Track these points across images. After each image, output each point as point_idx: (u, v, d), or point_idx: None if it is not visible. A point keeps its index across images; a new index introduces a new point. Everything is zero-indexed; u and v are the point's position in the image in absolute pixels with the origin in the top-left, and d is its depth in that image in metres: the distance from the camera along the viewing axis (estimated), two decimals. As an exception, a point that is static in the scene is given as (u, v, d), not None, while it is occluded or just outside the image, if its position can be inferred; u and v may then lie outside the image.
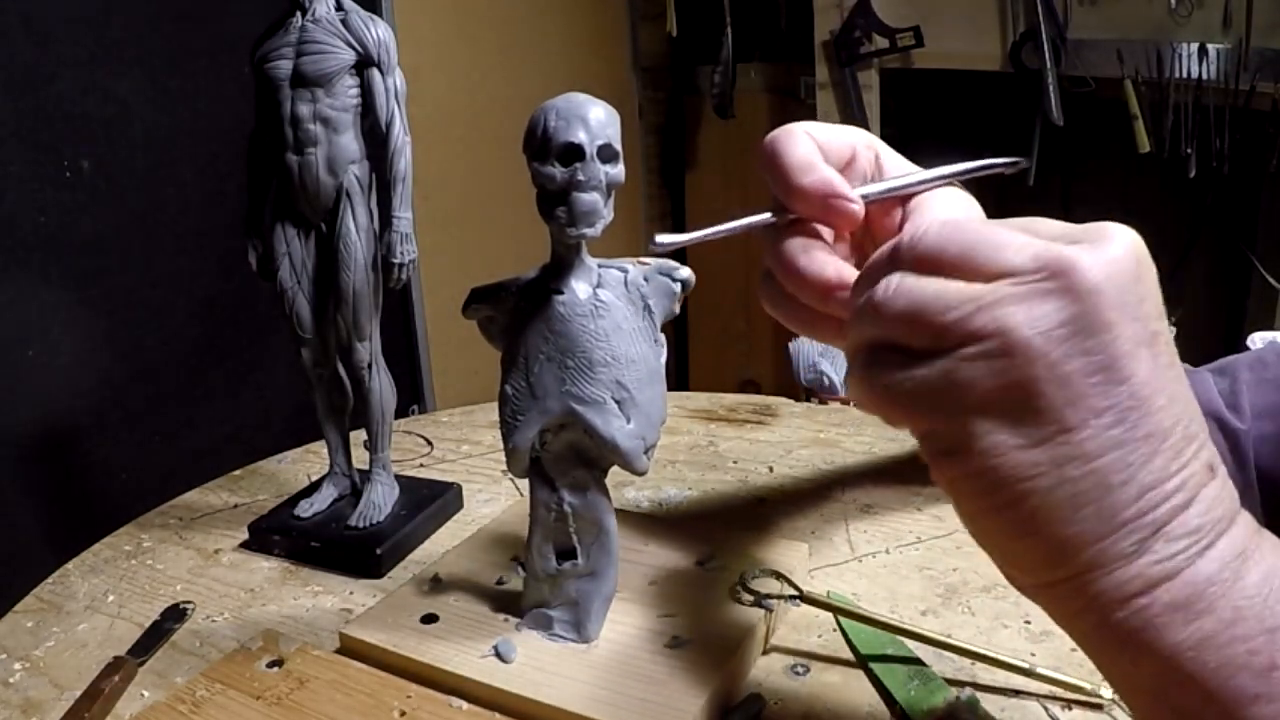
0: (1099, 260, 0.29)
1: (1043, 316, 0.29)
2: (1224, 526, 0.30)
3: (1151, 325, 0.30)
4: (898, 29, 2.05)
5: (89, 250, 1.25)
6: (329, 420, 0.79)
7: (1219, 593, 0.29)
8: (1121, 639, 0.30)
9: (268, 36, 0.70)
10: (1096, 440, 0.29)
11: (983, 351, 0.30)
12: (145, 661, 0.63)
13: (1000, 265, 0.30)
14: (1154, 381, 0.29)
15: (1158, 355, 0.30)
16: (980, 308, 0.30)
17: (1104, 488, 0.29)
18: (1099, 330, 0.29)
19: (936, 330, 0.31)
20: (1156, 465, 0.29)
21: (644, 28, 2.57)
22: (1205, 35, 1.75)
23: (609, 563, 0.58)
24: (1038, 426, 0.29)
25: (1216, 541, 0.29)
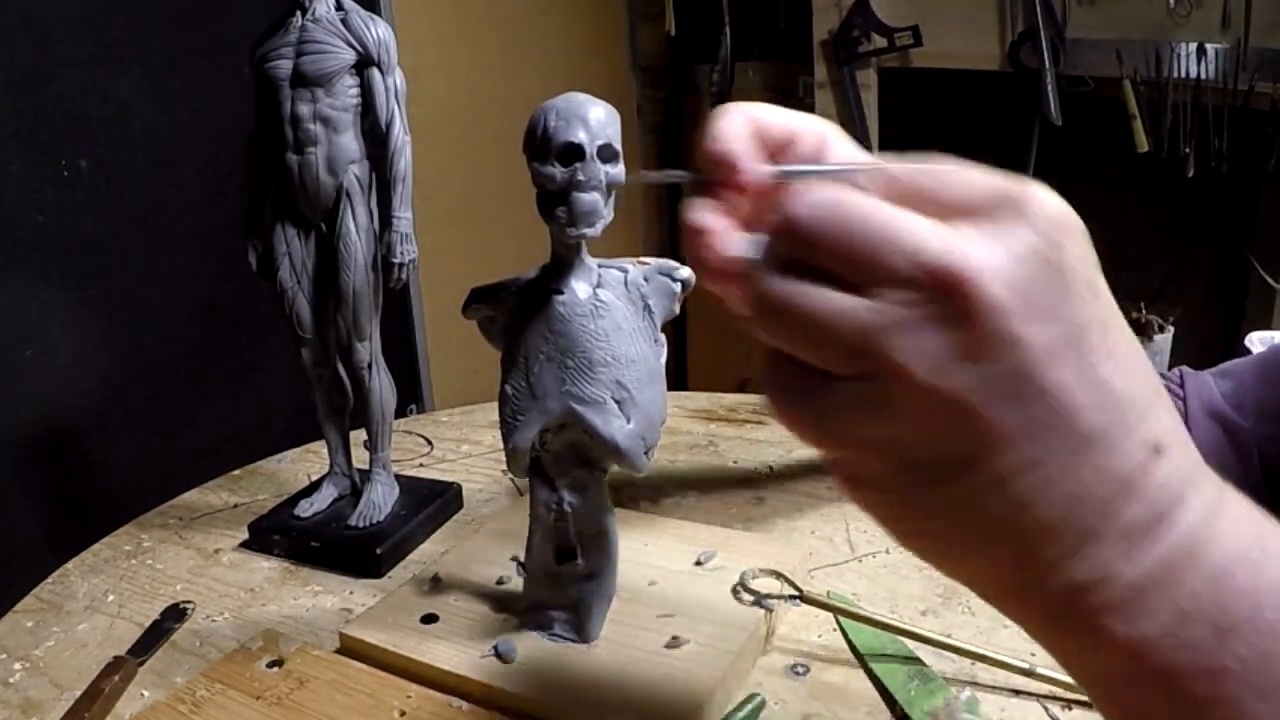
0: (1001, 265, 0.26)
1: (935, 349, 0.26)
2: (1171, 515, 0.27)
3: (1079, 316, 0.27)
4: (896, 28, 2.05)
5: (88, 250, 1.25)
6: (329, 420, 0.79)
7: (1159, 593, 0.27)
8: (1063, 643, 0.29)
9: (268, 36, 0.70)
10: (1007, 464, 0.26)
11: (871, 389, 0.27)
12: (145, 661, 0.63)
13: (886, 273, 0.26)
14: (1078, 383, 0.26)
15: (1084, 348, 0.27)
16: (867, 336, 0.26)
17: (1020, 507, 0.27)
18: (1004, 350, 0.26)
19: (816, 354, 0.28)
20: (1082, 470, 0.27)
21: (643, 27, 2.57)
22: (1204, 35, 1.75)
23: (609, 563, 0.58)
24: (939, 462, 0.27)
25: (1157, 536, 0.27)
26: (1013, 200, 0.27)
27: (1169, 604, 0.27)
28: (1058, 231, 0.27)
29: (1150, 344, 1.11)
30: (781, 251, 0.28)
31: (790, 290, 0.28)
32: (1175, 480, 0.28)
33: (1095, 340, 0.27)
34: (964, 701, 0.53)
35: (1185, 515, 0.27)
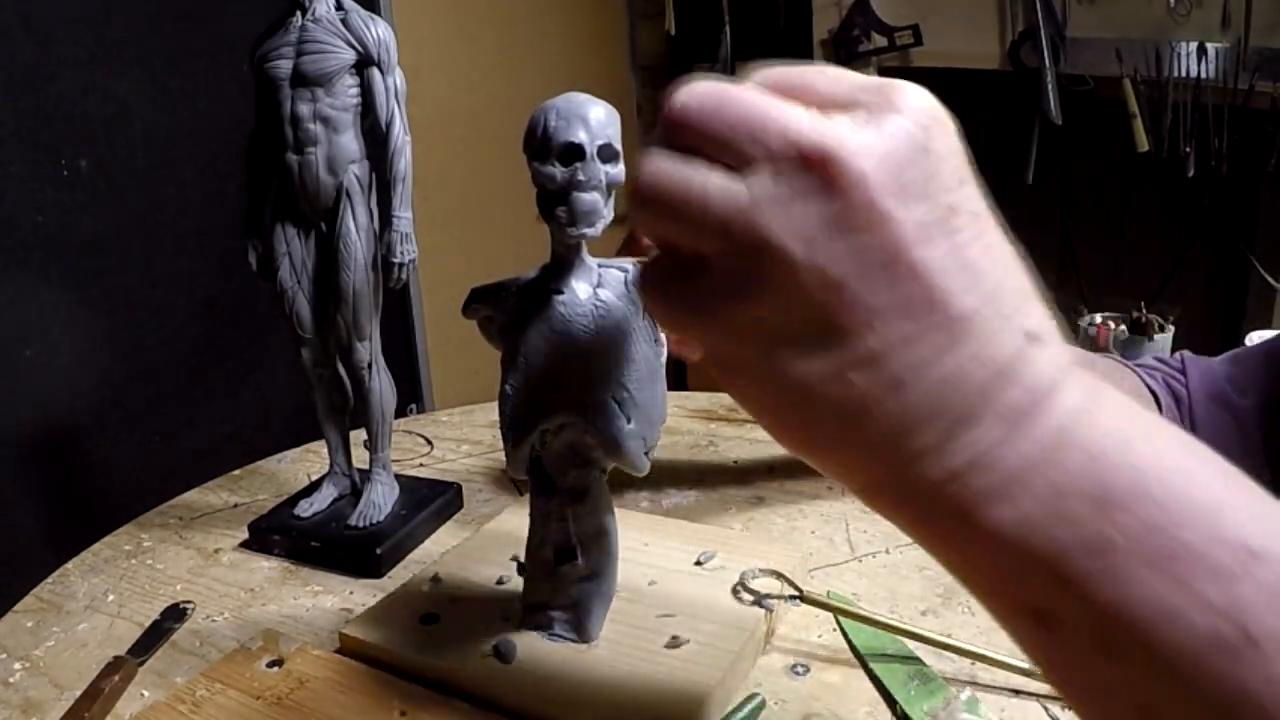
0: (870, 142, 0.26)
1: (803, 220, 0.26)
2: (1048, 398, 0.27)
3: (947, 199, 0.27)
4: (896, 27, 2.05)
5: (88, 250, 1.25)
6: (329, 420, 0.79)
7: (1037, 474, 0.26)
8: (943, 532, 0.29)
9: (268, 36, 0.70)
10: (880, 341, 0.26)
11: (743, 264, 0.27)
12: (145, 661, 0.63)
13: (759, 151, 0.27)
14: (950, 264, 0.27)
15: (955, 231, 0.27)
16: (738, 210, 0.27)
17: (893, 387, 0.27)
18: (873, 224, 0.26)
19: (692, 234, 0.28)
20: (958, 352, 0.27)
21: (643, 27, 2.57)
22: (1204, 34, 1.75)
23: (609, 563, 0.58)
24: (810, 338, 0.27)
25: (1035, 419, 0.27)
26: (883, 91, 0.28)
27: (1048, 483, 0.27)
28: (927, 120, 0.28)
29: (1150, 343, 1.11)
30: (666, 141, 0.29)
31: (669, 165, 0.28)
32: (1051, 367, 0.28)
33: (965, 225, 0.27)
34: (964, 701, 0.53)
35: (1062, 400, 0.27)
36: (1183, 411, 0.60)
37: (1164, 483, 0.26)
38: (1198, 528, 0.26)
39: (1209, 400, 0.59)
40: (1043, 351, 0.28)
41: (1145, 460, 0.27)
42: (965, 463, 0.27)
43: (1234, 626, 0.24)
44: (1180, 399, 0.60)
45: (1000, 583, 0.28)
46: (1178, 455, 0.27)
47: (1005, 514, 0.27)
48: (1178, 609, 0.25)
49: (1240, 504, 0.26)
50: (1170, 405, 0.60)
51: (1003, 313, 0.27)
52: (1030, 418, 0.27)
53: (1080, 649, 0.27)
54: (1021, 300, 0.28)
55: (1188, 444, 0.28)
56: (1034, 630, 0.28)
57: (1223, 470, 0.27)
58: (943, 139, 0.28)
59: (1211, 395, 0.59)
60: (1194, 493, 0.26)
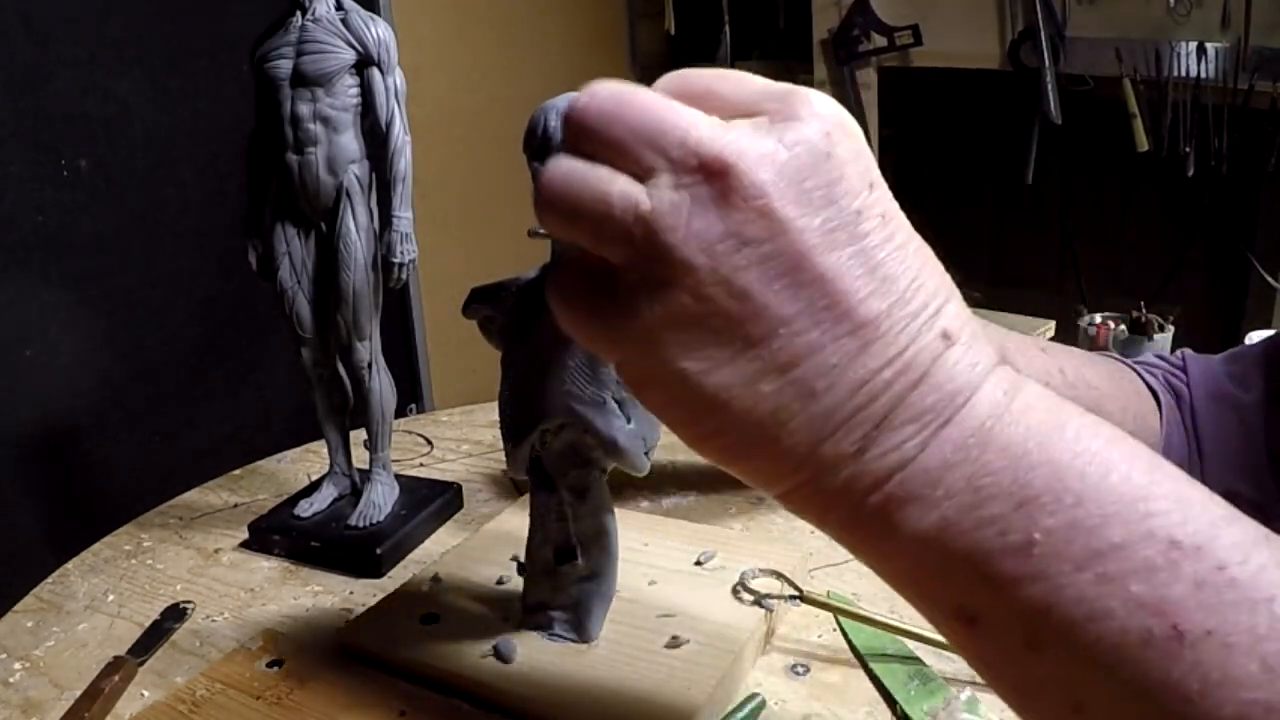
0: (770, 151, 0.26)
1: (704, 229, 0.26)
2: (964, 398, 0.27)
3: (851, 205, 0.27)
4: (896, 27, 2.05)
5: (88, 250, 1.25)
6: (329, 420, 0.79)
7: (956, 476, 0.26)
8: (867, 536, 0.29)
9: (268, 36, 0.70)
10: (788, 350, 0.26)
11: (647, 273, 0.27)
12: (145, 661, 0.63)
13: (659, 157, 0.27)
14: (856, 269, 0.27)
15: (861, 237, 0.27)
16: (639, 219, 0.27)
17: (807, 396, 0.27)
18: (775, 233, 0.26)
19: (594, 240, 0.28)
20: (868, 358, 0.27)
21: (642, 26, 2.57)
22: (1204, 34, 1.75)
23: (609, 563, 0.58)
24: (720, 347, 0.27)
25: (952, 421, 0.27)
26: (787, 99, 0.28)
27: (967, 485, 0.26)
28: (830, 127, 0.28)
29: (1150, 343, 1.11)
30: (571, 144, 0.29)
31: (570, 169, 0.28)
32: (966, 366, 0.28)
33: (872, 229, 0.27)
34: (964, 701, 0.53)
35: (980, 400, 0.27)
36: (1184, 409, 0.59)
37: (1086, 479, 0.26)
38: (1122, 523, 0.25)
39: (1210, 397, 0.59)
40: (959, 352, 0.28)
41: (1067, 457, 0.26)
42: (884, 468, 0.27)
43: (1161, 622, 0.24)
44: (1181, 396, 0.60)
45: (926, 584, 0.28)
46: (1102, 449, 0.27)
47: (926, 518, 0.27)
48: (1104, 607, 0.25)
49: (1165, 495, 0.26)
50: (1171, 403, 0.59)
51: (915, 315, 0.27)
52: (947, 420, 0.27)
53: (1009, 647, 0.27)
54: (936, 301, 0.28)
55: (1111, 437, 0.27)
56: (963, 630, 0.28)
57: (1148, 462, 0.27)
58: (846, 145, 0.28)
59: (1213, 392, 0.59)
60: (1118, 487, 0.26)
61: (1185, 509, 0.26)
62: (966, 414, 0.27)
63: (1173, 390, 0.60)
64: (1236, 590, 0.25)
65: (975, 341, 0.28)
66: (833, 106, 0.28)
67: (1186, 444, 0.58)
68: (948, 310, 0.28)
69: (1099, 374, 0.58)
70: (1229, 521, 0.26)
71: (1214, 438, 0.58)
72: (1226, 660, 0.24)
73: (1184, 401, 0.60)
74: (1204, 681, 0.24)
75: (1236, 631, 0.24)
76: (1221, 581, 0.25)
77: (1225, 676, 0.24)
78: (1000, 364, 0.28)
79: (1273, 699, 0.24)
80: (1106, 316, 1.18)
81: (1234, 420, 0.58)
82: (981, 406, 0.27)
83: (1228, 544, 0.25)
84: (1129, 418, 0.57)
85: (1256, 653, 0.24)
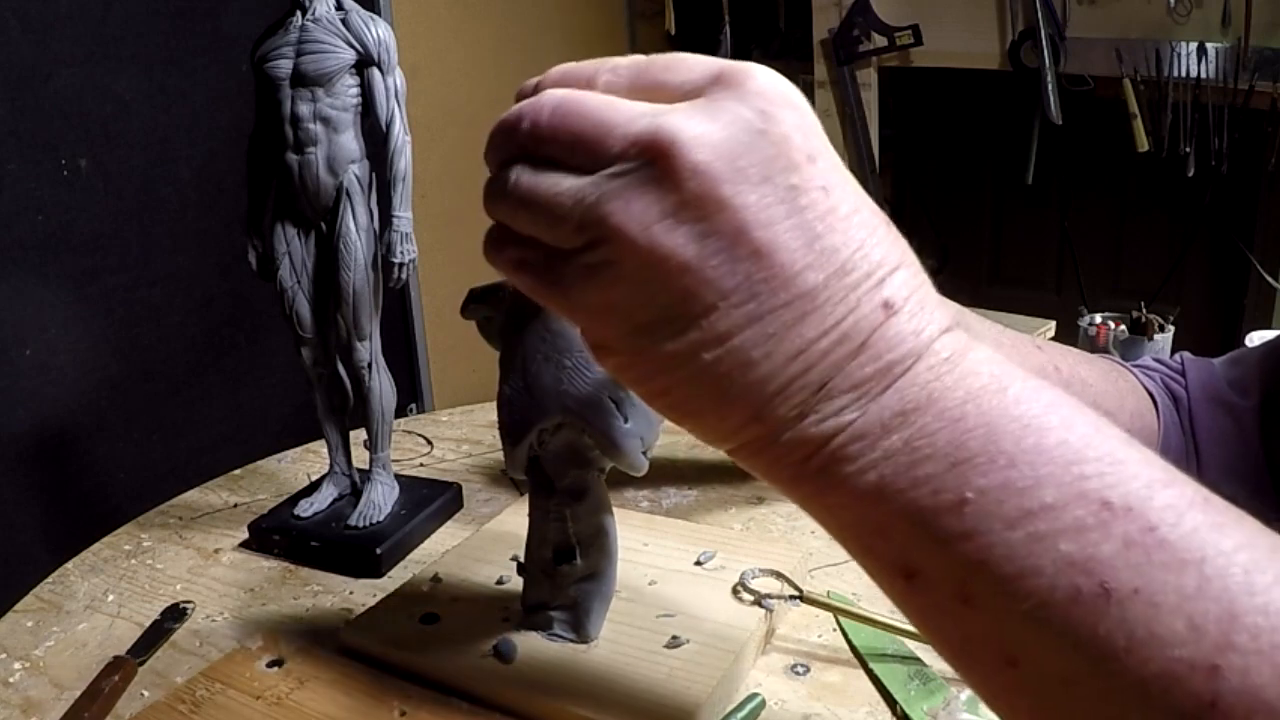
0: (705, 131, 0.28)
1: (643, 210, 0.28)
2: (903, 367, 0.28)
3: (790, 179, 0.28)
4: (896, 27, 2.05)
5: (87, 249, 1.25)
6: (329, 420, 0.79)
7: (894, 439, 0.28)
8: (812, 493, 0.30)
9: (268, 36, 0.70)
10: (727, 321, 0.28)
11: (595, 256, 0.29)
12: (145, 661, 0.63)
13: (604, 152, 0.29)
14: (793, 243, 0.28)
15: (800, 210, 0.28)
16: (587, 207, 0.28)
17: (746, 365, 0.28)
18: (711, 211, 0.27)
19: (550, 232, 0.30)
20: (805, 329, 0.28)
21: (642, 26, 2.57)
22: (1204, 34, 1.75)
23: (609, 563, 0.58)
24: (664, 320, 0.28)
25: (891, 388, 0.28)
26: (726, 78, 0.29)
27: (902, 445, 0.28)
28: (769, 104, 0.29)
29: (1150, 343, 1.11)
30: (525, 151, 0.31)
31: (522, 175, 0.31)
32: (908, 334, 0.28)
33: (812, 203, 0.28)
34: (964, 701, 0.53)
35: (919, 367, 0.28)
36: (1181, 412, 0.59)
37: (1021, 441, 0.27)
38: (1054, 484, 0.26)
39: (1208, 401, 0.59)
40: (900, 321, 0.28)
41: (1004, 419, 0.27)
42: (823, 433, 0.28)
43: (1091, 580, 0.25)
44: (1179, 399, 0.60)
45: (868, 541, 0.29)
46: (1041, 413, 0.28)
47: (865, 478, 0.28)
48: (1034, 564, 0.26)
49: (1101, 458, 0.27)
50: (1169, 405, 0.59)
51: (855, 286, 0.28)
52: (885, 388, 0.28)
53: (944, 602, 0.28)
54: (881, 270, 0.29)
55: (1053, 401, 0.28)
56: (902, 585, 0.29)
57: (1089, 424, 0.28)
58: (784, 121, 0.28)
59: (1210, 396, 0.59)
60: (1053, 449, 0.27)
61: (1120, 470, 0.26)
62: (906, 381, 0.28)
63: (1170, 393, 0.60)
64: (1166, 551, 0.25)
65: (921, 310, 0.29)
66: (771, 82, 0.29)
67: (1184, 446, 0.58)
68: (893, 280, 0.29)
69: (1095, 372, 0.58)
70: (1165, 484, 0.27)
71: (1211, 441, 0.58)
72: (1153, 618, 0.25)
73: (1182, 405, 0.60)
74: (1130, 638, 0.25)
75: (1164, 591, 0.25)
76: (1151, 542, 0.25)
77: (1151, 634, 0.25)
78: (949, 330, 0.29)
79: (1197, 657, 0.24)
80: (1106, 316, 1.18)
81: (1231, 424, 0.58)
82: (921, 373, 0.28)
83: (1160, 505, 0.26)
84: (1125, 414, 0.57)
85: (1183, 612, 0.25)
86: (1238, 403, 0.57)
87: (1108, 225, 2.16)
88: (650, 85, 0.31)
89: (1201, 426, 0.58)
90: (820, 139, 0.29)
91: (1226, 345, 0.64)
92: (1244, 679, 0.24)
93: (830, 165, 0.29)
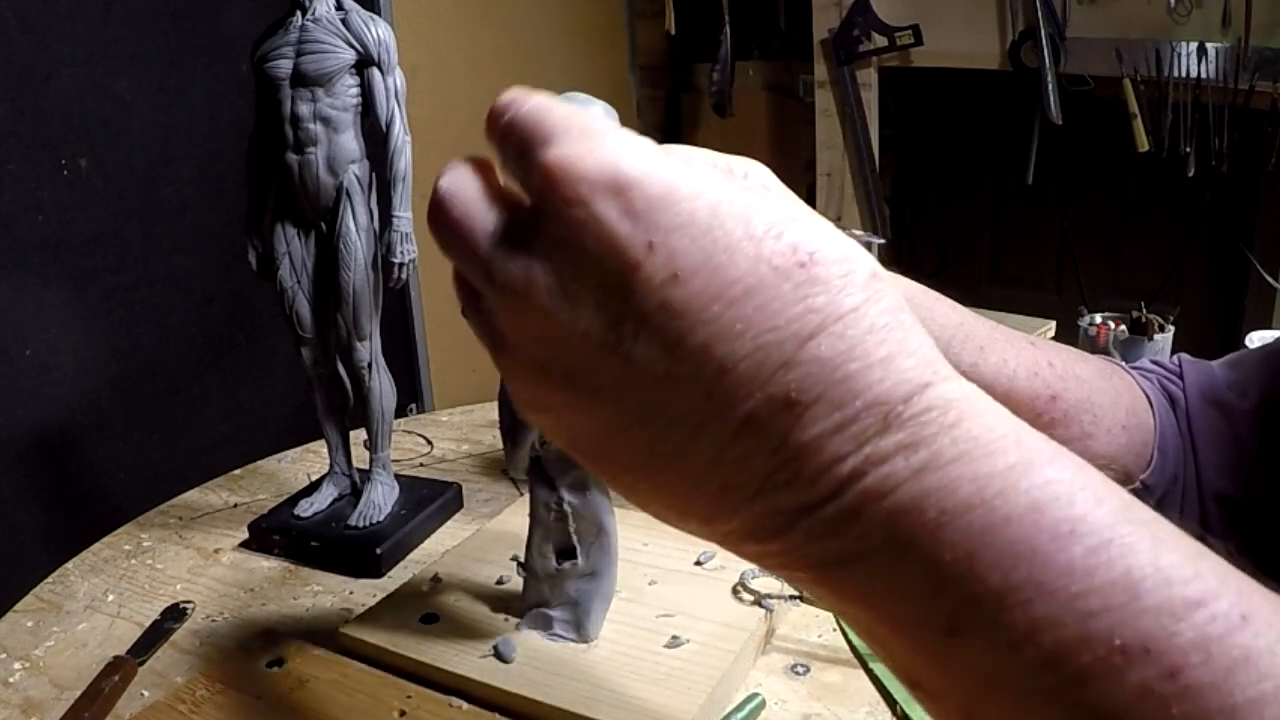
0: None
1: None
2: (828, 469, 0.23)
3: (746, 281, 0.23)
4: (896, 27, 2.05)
5: (87, 249, 1.25)
6: (329, 420, 0.79)
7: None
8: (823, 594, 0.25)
9: (268, 36, 0.70)
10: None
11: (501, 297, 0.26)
12: (145, 661, 0.63)
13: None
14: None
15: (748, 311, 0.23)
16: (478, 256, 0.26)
17: (672, 461, 0.24)
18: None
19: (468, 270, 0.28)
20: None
21: (642, 26, 2.57)
22: (1204, 34, 1.75)
23: (609, 563, 0.58)
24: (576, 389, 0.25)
25: (834, 496, 0.23)
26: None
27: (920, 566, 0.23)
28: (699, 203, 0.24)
29: (1150, 343, 1.11)
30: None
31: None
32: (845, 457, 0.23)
33: (756, 302, 0.23)
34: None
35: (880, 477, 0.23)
36: (1178, 414, 0.59)
37: (1009, 575, 0.22)
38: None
39: (1205, 403, 0.59)
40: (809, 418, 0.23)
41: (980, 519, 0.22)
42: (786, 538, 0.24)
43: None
44: (1176, 401, 0.60)
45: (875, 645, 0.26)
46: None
47: (826, 548, 0.24)
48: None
49: (1114, 580, 0.22)
50: (1165, 407, 0.59)
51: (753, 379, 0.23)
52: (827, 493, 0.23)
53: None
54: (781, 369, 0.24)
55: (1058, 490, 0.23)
56: (912, 690, 0.25)
57: (1078, 475, 0.23)
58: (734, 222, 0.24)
59: (1208, 398, 0.59)
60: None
61: (1133, 596, 0.21)
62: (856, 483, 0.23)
63: (1167, 395, 0.60)
64: (1188, 701, 0.20)
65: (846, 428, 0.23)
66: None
67: (1182, 448, 0.58)
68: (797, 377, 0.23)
69: (1090, 369, 0.58)
70: (1198, 605, 0.21)
71: (1209, 443, 0.58)
72: None
73: (1179, 406, 0.59)
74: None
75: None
76: (1170, 692, 0.21)
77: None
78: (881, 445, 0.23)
79: None
80: (1106, 316, 1.18)
81: (1227, 425, 0.58)
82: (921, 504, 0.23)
83: (1185, 642, 0.21)
84: (1121, 411, 0.57)
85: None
86: (1234, 404, 0.57)
87: (1108, 225, 2.16)
88: None
89: (1199, 428, 0.58)
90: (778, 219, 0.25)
91: (1226, 345, 0.64)
92: None
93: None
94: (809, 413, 0.23)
